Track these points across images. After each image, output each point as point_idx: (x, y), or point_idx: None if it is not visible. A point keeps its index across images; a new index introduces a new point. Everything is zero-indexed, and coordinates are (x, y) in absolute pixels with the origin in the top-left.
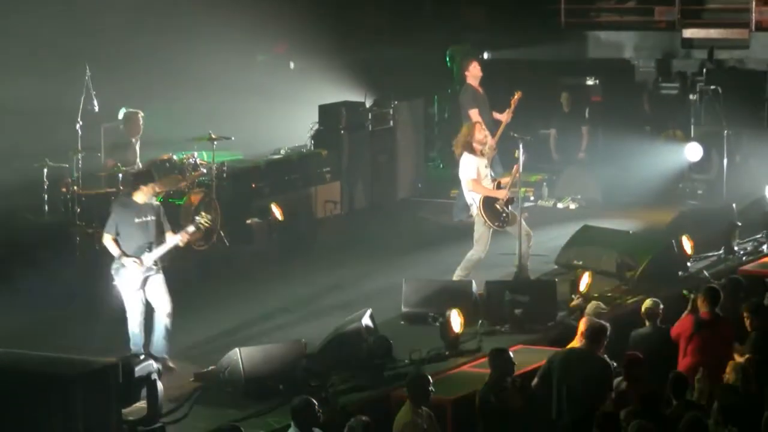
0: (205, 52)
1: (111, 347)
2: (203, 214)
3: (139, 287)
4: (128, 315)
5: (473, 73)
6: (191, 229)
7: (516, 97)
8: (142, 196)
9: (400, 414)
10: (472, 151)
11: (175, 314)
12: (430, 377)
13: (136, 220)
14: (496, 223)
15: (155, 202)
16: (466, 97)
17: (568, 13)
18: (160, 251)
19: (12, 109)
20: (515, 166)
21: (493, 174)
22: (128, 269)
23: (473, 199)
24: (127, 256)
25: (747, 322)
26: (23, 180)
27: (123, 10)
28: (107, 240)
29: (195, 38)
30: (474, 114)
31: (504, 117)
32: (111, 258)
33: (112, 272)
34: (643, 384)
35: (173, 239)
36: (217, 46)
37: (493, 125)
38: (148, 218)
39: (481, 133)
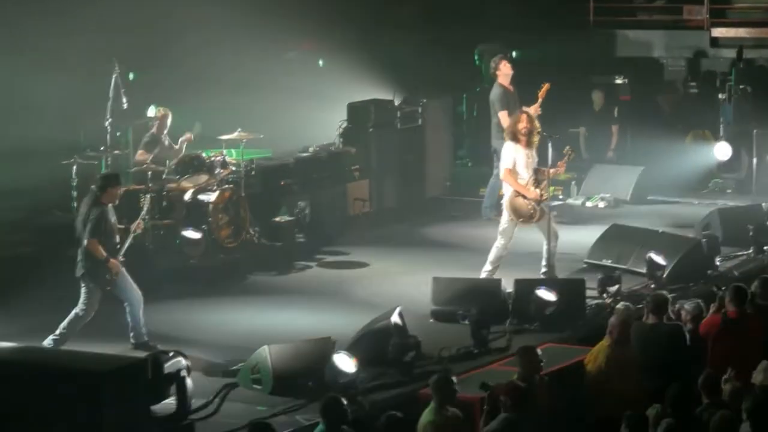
0: (234, 49)
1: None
2: (143, 204)
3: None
4: (128, 310)
5: (504, 72)
6: (139, 219)
7: (544, 89)
8: (112, 198)
9: (424, 413)
10: (515, 139)
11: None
12: (454, 377)
13: (112, 222)
14: (521, 219)
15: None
16: (497, 96)
17: (597, 11)
18: (125, 246)
19: (41, 105)
20: (560, 162)
21: (536, 164)
22: (113, 271)
23: (506, 189)
24: (110, 258)
25: None
26: (52, 177)
27: (152, 7)
28: (95, 245)
29: (224, 36)
30: (503, 115)
31: (533, 110)
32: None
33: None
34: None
35: (130, 234)
36: (245, 43)
37: None
38: (115, 219)
39: (524, 123)
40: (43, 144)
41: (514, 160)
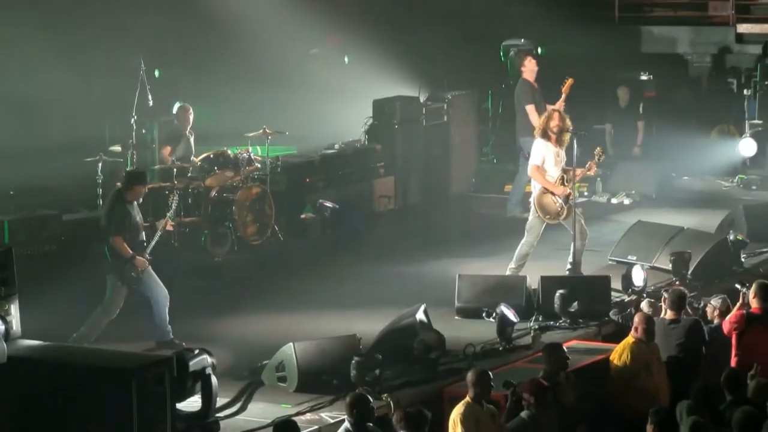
0: (259, 46)
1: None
2: (171, 202)
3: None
4: (154, 308)
5: (529, 68)
6: (167, 217)
7: (567, 83)
8: (137, 195)
9: (457, 407)
10: (545, 136)
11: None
12: (491, 373)
13: (137, 219)
14: (547, 216)
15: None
16: (522, 92)
17: (621, 7)
18: (152, 244)
19: (67, 102)
20: (590, 163)
21: (564, 163)
22: (139, 268)
23: (534, 186)
24: (136, 255)
25: None
26: (77, 174)
27: (178, 5)
28: (120, 242)
29: (249, 33)
30: (531, 109)
31: (557, 105)
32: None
33: (124, 273)
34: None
35: (157, 232)
36: (271, 40)
37: None
38: (140, 216)
39: (556, 121)
40: (68, 141)
41: (543, 157)
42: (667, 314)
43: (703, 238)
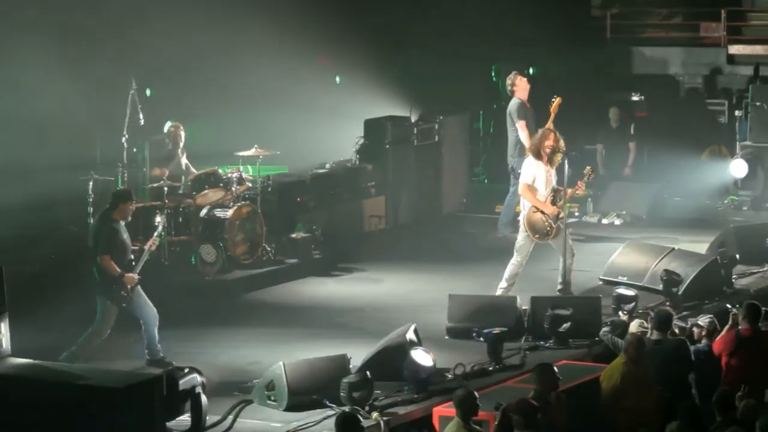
0: (251, 66)
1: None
2: (159, 222)
3: (143, 300)
4: (144, 327)
5: (521, 87)
6: (155, 237)
7: (556, 103)
8: (125, 214)
9: (448, 429)
10: (537, 156)
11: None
12: (477, 393)
13: (125, 238)
14: (537, 235)
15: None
16: (515, 108)
17: (614, 28)
18: (140, 264)
19: (58, 121)
20: (579, 182)
21: (555, 183)
22: (128, 285)
23: (523, 205)
24: (125, 274)
25: None
26: (68, 192)
27: (169, 25)
28: (108, 261)
29: (240, 52)
30: (522, 125)
31: (548, 125)
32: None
33: (114, 292)
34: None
35: (145, 251)
36: (262, 60)
37: None
38: (128, 236)
39: (551, 141)
40: (59, 160)
41: (534, 176)
42: (653, 334)
43: (693, 259)
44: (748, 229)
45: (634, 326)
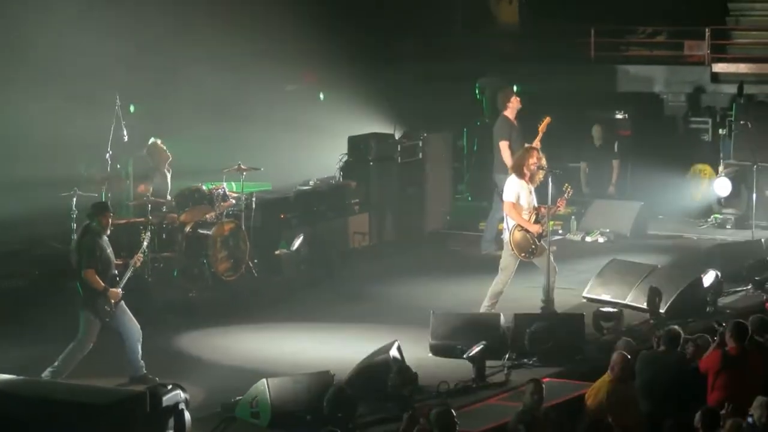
0: (235, 83)
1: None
2: (143, 239)
3: (127, 317)
4: (127, 343)
5: (513, 106)
6: (140, 252)
7: (545, 122)
8: (104, 225)
9: None
10: (520, 174)
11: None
12: (453, 411)
13: (108, 252)
14: (523, 254)
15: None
16: (501, 128)
17: (598, 46)
18: (124, 279)
19: (41, 138)
20: (560, 200)
21: (536, 202)
22: (112, 300)
23: (507, 223)
24: (109, 288)
25: None
26: (51, 208)
27: (153, 42)
28: (92, 275)
29: (225, 69)
30: (504, 146)
31: (534, 144)
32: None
33: (97, 307)
34: None
35: (130, 266)
36: (246, 77)
37: None
38: (111, 250)
39: (534, 159)
40: (43, 176)
41: (517, 194)
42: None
43: (677, 277)
44: (732, 247)
45: (620, 345)
